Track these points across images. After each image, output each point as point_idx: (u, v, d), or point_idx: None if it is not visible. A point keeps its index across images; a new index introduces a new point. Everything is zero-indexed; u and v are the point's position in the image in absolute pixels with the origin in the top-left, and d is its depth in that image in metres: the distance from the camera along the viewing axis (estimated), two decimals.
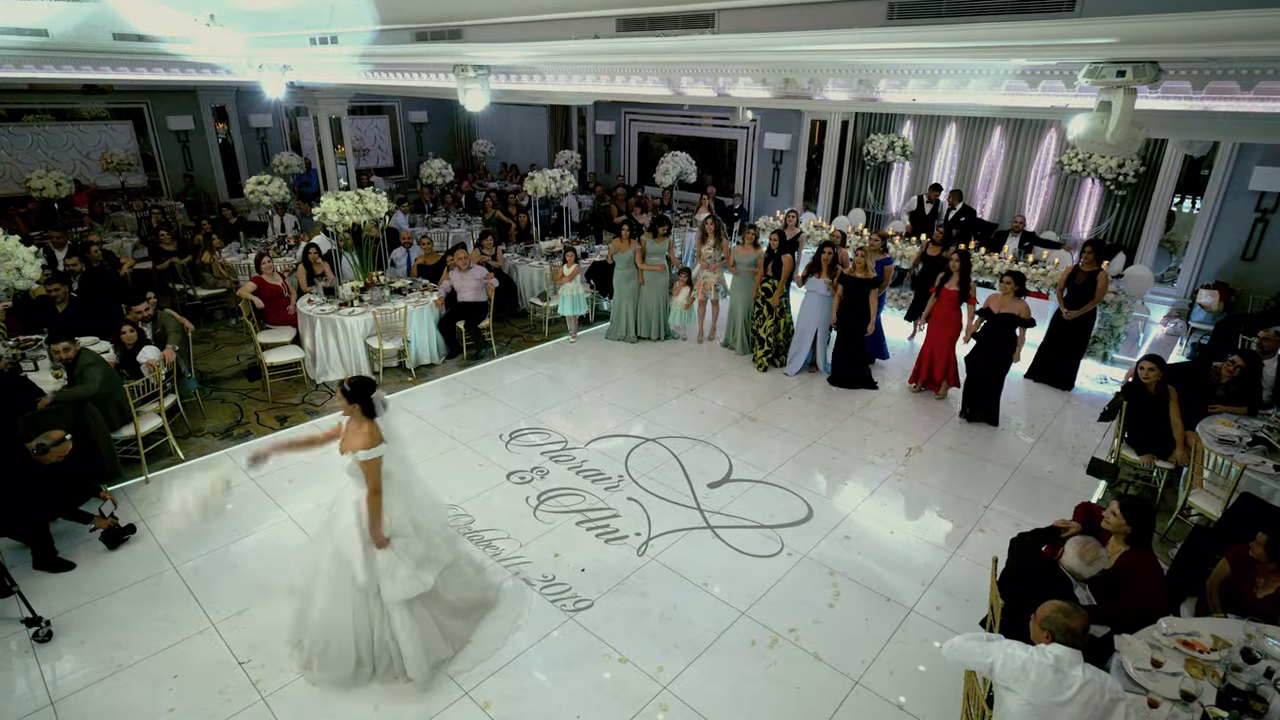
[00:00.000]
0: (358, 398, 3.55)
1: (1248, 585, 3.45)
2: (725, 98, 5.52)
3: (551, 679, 3.83)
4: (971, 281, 7.06)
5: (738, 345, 8.35)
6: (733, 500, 5.49)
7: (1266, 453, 4.80)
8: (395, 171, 17.48)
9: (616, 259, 8.47)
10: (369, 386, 3.60)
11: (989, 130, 10.76)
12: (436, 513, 4.05)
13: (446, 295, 8.04)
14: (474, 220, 11.83)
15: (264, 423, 6.58)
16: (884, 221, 11.93)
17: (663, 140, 14.68)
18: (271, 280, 7.70)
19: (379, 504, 3.54)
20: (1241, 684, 2.85)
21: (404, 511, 3.69)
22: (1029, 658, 2.66)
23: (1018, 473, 5.97)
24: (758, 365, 7.93)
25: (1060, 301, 7.47)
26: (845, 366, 7.49)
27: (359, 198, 7.42)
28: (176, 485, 4.95)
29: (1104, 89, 3.28)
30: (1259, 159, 8.13)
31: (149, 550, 4.82)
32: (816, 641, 4.11)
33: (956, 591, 4.55)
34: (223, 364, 7.92)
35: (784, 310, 7.99)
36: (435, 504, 4.10)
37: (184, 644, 4.02)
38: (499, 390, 7.42)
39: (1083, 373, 7.72)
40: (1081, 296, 7.33)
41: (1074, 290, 7.39)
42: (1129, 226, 9.73)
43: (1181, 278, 9.07)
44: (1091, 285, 7.26)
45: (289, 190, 10.30)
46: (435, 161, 12.08)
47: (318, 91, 10.67)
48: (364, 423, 3.54)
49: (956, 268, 7.02)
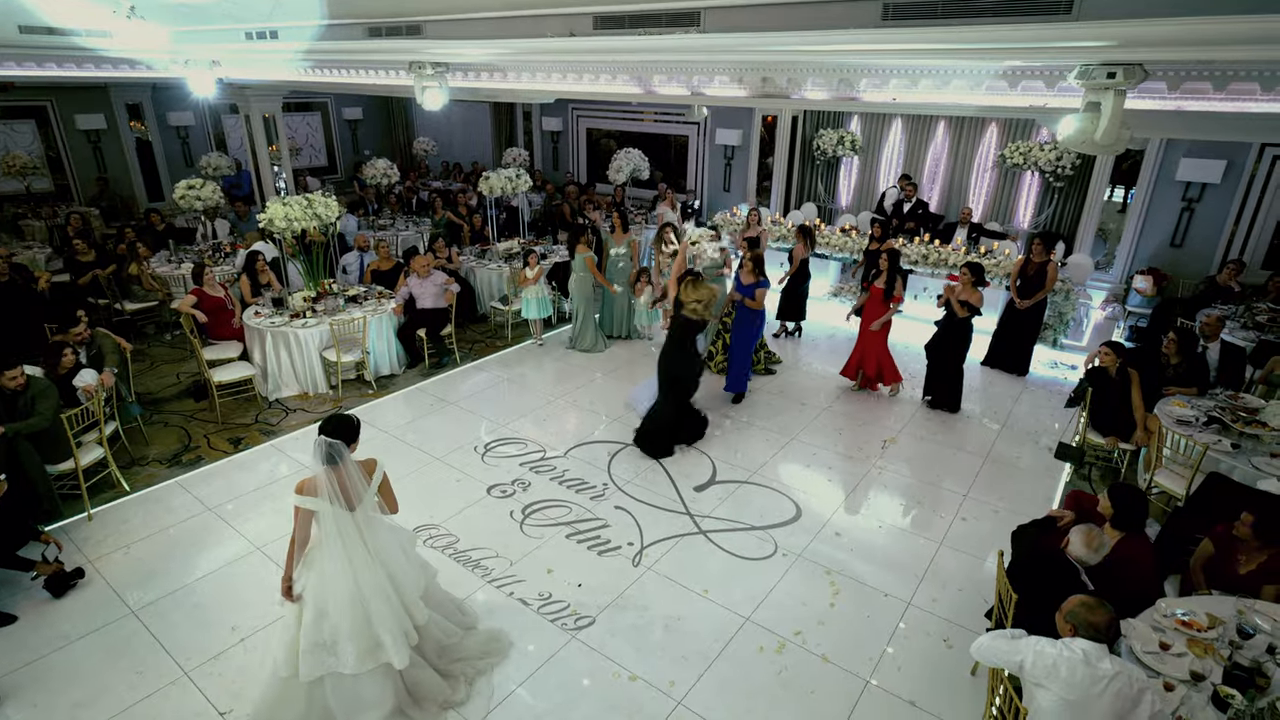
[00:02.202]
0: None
1: (1230, 562, 3.63)
2: (699, 97, 5.45)
3: (564, 702, 3.70)
4: (898, 280, 7.11)
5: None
6: (721, 503, 5.46)
7: (1221, 431, 5.09)
8: (330, 171, 16.72)
9: (576, 263, 8.22)
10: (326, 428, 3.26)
11: (933, 126, 11.09)
12: (390, 605, 3.35)
13: (405, 302, 7.71)
14: (422, 222, 11.41)
15: (216, 446, 6.15)
16: (835, 216, 12.15)
17: (611, 136, 14.53)
18: (213, 292, 7.20)
19: (292, 549, 3.27)
20: (1245, 660, 2.98)
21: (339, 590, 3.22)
22: (1058, 654, 2.70)
23: (989, 460, 6.16)
24: (715, 369, 7.78)
25: (1014, 292, 7.75)
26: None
27: (308, 202, 7.01)
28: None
29: (1092, 90, 3.34)
30: (1185, 151, 8.63)
31: (101, 595, 4.41)
32: (823, 643, 4.11)
33: (949, 582, 4.64)
34: (162, 384, 7.36)
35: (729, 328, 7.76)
36: (392, 594, 3.37)
37: (155, 697, 3.69)
38: (467, 400, 7.16)
39: (1035, 358, 8.05)
40: (1032, 286, 7.63)
41: (1026, 281, 7.68)
42: (1067, 216, 10.21)
43: (1117, 264, 9.57)
44: (1042, 275, 7.56)
45: (222, 194, 9.65)
46: (379, 161, 11.59)
47: (249, 88, 10.06)
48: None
49: (885, 266, 7.10)
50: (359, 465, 3.30)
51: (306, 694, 3.26)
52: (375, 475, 3.36)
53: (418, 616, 3.50)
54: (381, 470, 3.40)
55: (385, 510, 3.48)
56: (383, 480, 3.40)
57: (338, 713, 3.31)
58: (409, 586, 3.48)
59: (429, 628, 3.61)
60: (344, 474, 3.22)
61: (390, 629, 3.28)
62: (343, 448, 3.20)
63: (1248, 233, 8.71)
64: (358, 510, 3.27)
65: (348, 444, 3.25)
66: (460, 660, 3.75)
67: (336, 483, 3.19)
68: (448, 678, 3.66)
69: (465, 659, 3.77)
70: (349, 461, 3.24)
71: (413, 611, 3.47)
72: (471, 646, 3.84)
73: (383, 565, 3.34)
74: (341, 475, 3.21)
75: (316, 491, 3.15)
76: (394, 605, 3.34)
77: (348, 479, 3.23)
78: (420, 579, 3.60)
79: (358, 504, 3.26)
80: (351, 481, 3.24)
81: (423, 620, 3.53)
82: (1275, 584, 3.51)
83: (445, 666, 3.68)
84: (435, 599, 3.79)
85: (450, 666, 3.70)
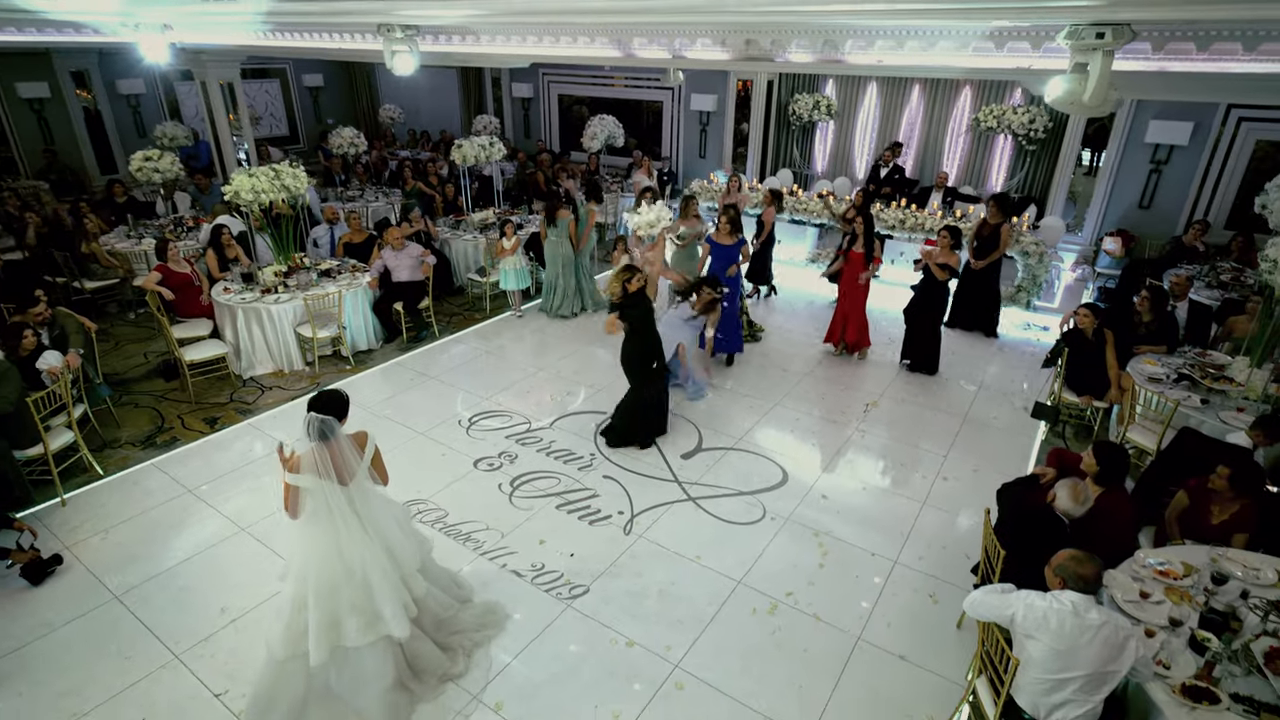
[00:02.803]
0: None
1: (1204, 514, 3.77)
2: (680, 60, 5.33)
3: (562, 670, 3.73)
4: (875, 243, 7.18)
5: None
6: (708, 469, 5.50)
7: (1191, 388, 5.25)
8: (292, 141, 16.17)
9: (555, 229, 8.12)
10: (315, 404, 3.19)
11: (908, 89, 11.06)
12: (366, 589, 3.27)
13: (380, 276, 7.53)
14: (393, 193, 11.11)
15: (191, 426, 5.99)
16: (811, 181, 12.13)
17: (583, 103, 14.25)
18: (178, 268, 6.95)
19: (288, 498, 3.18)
20: (1220, 605, 3.12)
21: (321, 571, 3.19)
22: (1048, 606, 2.79)
23: (967, 421, 6.29)
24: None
25: (970, 252, 7.79)
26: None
27: (275, 173, 6.76)
28: None
29: (1079, 51, 3.34)
30: (1154, 113, 8.76)
31: (81, 581, 4.31)
32: (814, 603, 4.20)
33: (934, 540, 4.76)
34: (129, 364, 7.13)
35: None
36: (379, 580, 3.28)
37: (146, 682, 3.63)
38: (447, 373, 7.07)
39: (1008, 320, 8.20)
40: (987, 247, 7.69)
41: (981, 242, 7.75)
42: (1039, 180, 10.33)
43: (1087, 227, 9.74)
44: (996, 237, 7.61)
45: (181, 166, 9.26)
46: (345, 130, 11.19)
47: (204, 54, 9.63)
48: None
49: (861, 230, 7.12)
50: (350, 439, 3.24)
51: (306, 672, 3.24)
52: (367, 449, 3.31)
53: (416, 589, 3.49)
54: (373, 443, 3.35)
55: (377, 482, 3.43)
56: (375, 453, 3.36)
57: (339, 688, 3.30)
58: (406, 559, 3.47)
59: (427, 600, 3.59)
60: (336, 450, 3.16)
61: (389, 601, 3.27)
62: (334, 423, 3.15)
63: (1213, 194, 8.92)
64: (351, 485, 3.22)
65: (339, 419, 3.19)
66: (458, 633, 3.75)
67: (329, 459, 3.13)
68: (446, 650, 3.66)
69: (462, 631, 3.77)
70: (341, 437, 3.19)
71: (411, 584, 3.46)
72: (468, 619, 3.84)
73: (379, 538, 3.32)
74: (334, 451, 3.16)
75: (306, 468, 3.10)
76: (392, 578, 3.33)
77: (340, 455, 3.18)
78: (417, 552, 3.58)
79: (350, 479, 3.21)
80: (344, 457, 3.19)
81: (421, 593, 3.53)
82: (1245, 532, 3.66)
83: (443, 639, 3.68)
84: (431, 572, 3.77)
85: (448, 639, 3.70)
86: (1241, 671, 2.85)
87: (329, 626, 3.18)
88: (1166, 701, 2.76)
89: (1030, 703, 2.88)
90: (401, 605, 3.33)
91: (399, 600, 3.32)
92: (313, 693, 3.31)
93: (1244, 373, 5.27)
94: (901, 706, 3.55)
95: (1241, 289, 7.22)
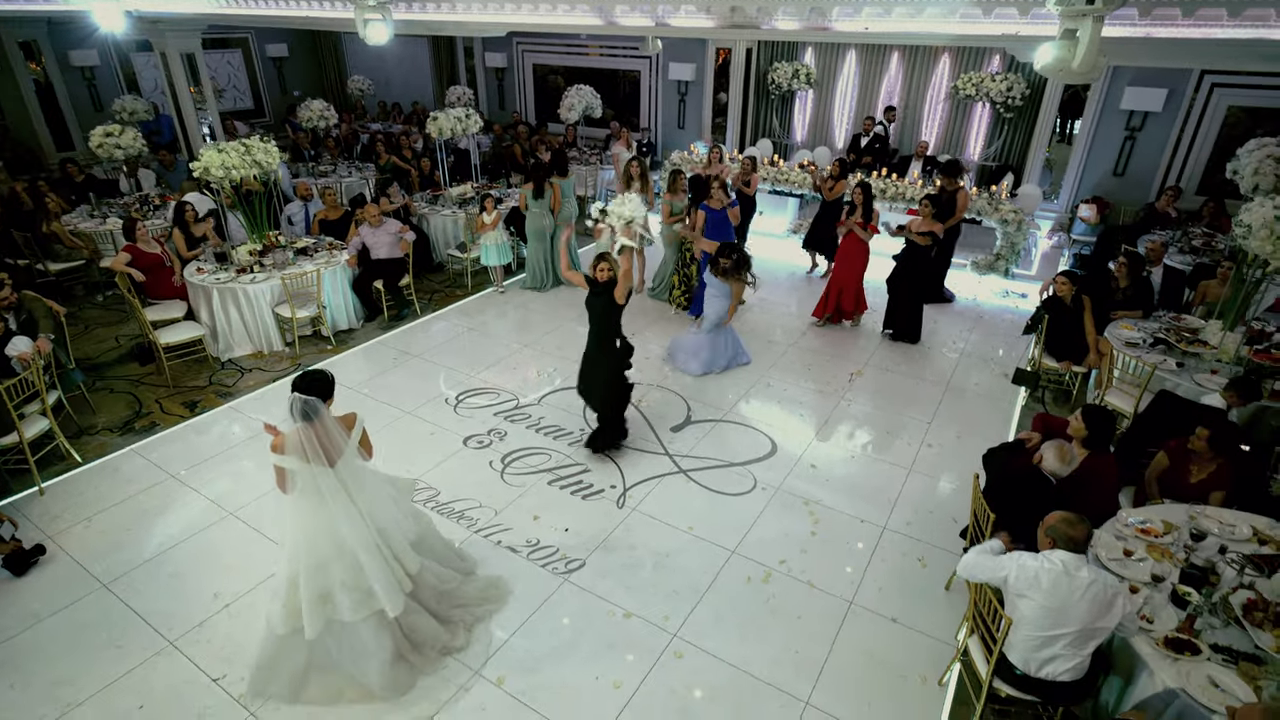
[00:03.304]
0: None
1: (1183, 473, 3.90)
2: (664, 28, 5.23)
3: (562, 644, 3.77)
4: (874, 210, 7.25)
5: (665, 294, 8.09)
6: (698, 442, 5.53)
7: (1166, 351, 5.38)
8: (258, 115, 15.64)
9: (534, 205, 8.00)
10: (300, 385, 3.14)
11: (887, 56, 11.01)
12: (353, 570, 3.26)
13: (358, 253, 7.38)
14: (366, 167, 10.83)
15: (170, 411, 5.87)
16: (790, 151, 12.07)
17: (558, 73, 13.96)
18: (148, 248, 6.74)
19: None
20: (1199, 561, 3.24)
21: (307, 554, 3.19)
22: (1039, 566, 2.87)
23: (949, 388, 6.39)
24: (675, 305, 7.86)
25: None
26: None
27: (246, 148, 6.55)
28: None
29: (1069, 17, 3.33)
30: (1130, 79, 8.82)
31: (67, 570, 4.23)
32: (807, 570, 4.28)
33: (920, 506, 4.86)
34: (100, 348, 6.93)
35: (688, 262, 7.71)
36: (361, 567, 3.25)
37: (142, 669, 3.60)
38: (431, 351, 6.99)
39: (986, 288, 8.32)
40: (944, 213, 7.70)
41: (939, 208, 7.75)
42: (1015, 148, 10.39)
43: (1063, 194, 9.85)
44: (952, 203, 7.61)
45: (144, 142, 8.93)
46: (315, 103, 10.85)
47: (163, 22, 9.22)
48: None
49: (860, 200, 7.14)
50: (338, 420, 3.19)
51: (306, 645, 3.24)
52: (355, 429, 3.27)
53: (409, 565, 3.48)
54: (361, 424, 3.31)
55: (364, 458, 3.39)
56: (363, 434, 3.32)
57: (339, 660, 3.31)
58: (398, 537, 3.45)
59: (424, 575, 3.60)
60: (320, 431, 3.11)
61: (380, 579, 3.26)
62: (319, 404, 3.09)
63: (1185, 160, 9.05)
64: (340, 464, 3.17)
65: (324, 400, 3.14)
66: (460, 606, 3.77)
67: (314, 439, 3.08)
68: (446, 624, 3.67)
69: (464, 605, 3.79)
70: (326, 417, 3.14)
71: (404, 560, 3.46)
72: (470, 592, 3.86)
73: (369, 518, 3.29)
74: (318, 432, 3.10)
75: (290, 449, 3.06)
76: (382, 556, 3.31)
77: (325, 436, 3.13)
78: (413, 527, 3.58)
79: (339, 458, 3.17)
80: (330, 438, 3.15)
81: (415, 569, 3.52)
82: (1222, 490, 3.79)
83: (445, 612, 3.69)
84: (431, 546, 3.77)
85: (450, 612, 3.71)
86: (1220, 623, 2.98)
87: (320, 601, 3.19)
88: (1151, 654, 2.87)
89: (1021, 659, 2.98)
90: (394, 581, 3.34)
91: (390, 577, 3.32)
92: (314, 664, 3.34)
93: (1217, 336, 5.41)
94: (895, 667, 3.65)
95: (1213, 254, 7.38)
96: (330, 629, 3.28)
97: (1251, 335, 5.35)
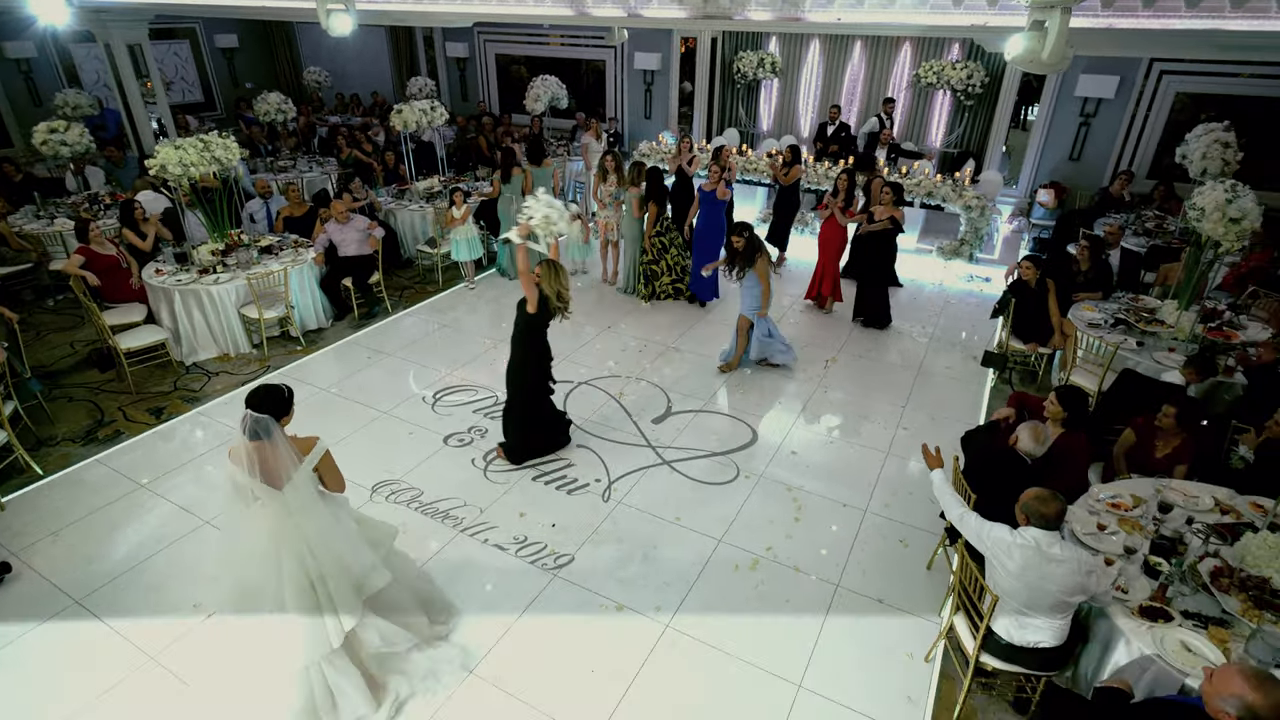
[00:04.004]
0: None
1: (1149, 448, 4.07)
2: (636, 19, 5.20)
3: (556, 639, 3.78)
4: (855, 197, 7.44)
5: (630, 287, 8.05)
6: (680, 433, 5.57)
7: (1127, 331, 5.59)
8: (208, 108, 15.10)
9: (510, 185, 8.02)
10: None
11: (850, 46, 11.13)
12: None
13: (325, 250, 7.21)
14: (327, 162, 10.56)
15: (134, 418, 5.67)
16: (757, 140, 12.14)
17: (521, 63, 13.77)
18: (103, 250, 6.47)
19: None
20: (1168, 532, 3.39)
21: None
22: (1013, 541, 2.98)
23: (921, 372, 6.54)
24: (643, 298, 7.84)
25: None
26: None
27: (204, 144, 6.33)
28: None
29: (1038, 9, 3.41)
30: (1084, 67, 9.08)
31: (35, 587, 4.07)
32: (793, 555, 4.36)
33: (899, 488, 4.98)
34: (55, 355, 6.66)
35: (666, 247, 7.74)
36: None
37: (123, 687, 3.49)
38: (404, 349, 6.88)
39: (950, 272, 8.53)
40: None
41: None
42: (976, 135, 10.63)
43: (1021, 180, 10.12)
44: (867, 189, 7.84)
45: (92, 138, 8.55)
46: (273, 95, 10.51)
47: (105, 12, 8.83)
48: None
49: (844, 185, 7.30)
50: (293, 442, 2.96)
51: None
52: (312, 455, 2.99)
53: (345, 618, 3.07)
54: (323, 448, 3.03)
55: (325, 488, 3.13)
56: (324, 457, 3.04)
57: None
58: (344, 583, 3.07)
59: (366, 632, 3.24)
60: (269, 450, 2.87)
61: (301, 623, 2.97)
62: (270, 423, 2.86)
63: (1136, 145, 9.37)
64: (287, 490, 2.91)
65: (278, 418, 2.92)
66: (399, 674, 3.41)
67: (256, 459, 2.85)
68: (376, 688, 3.31)
69: (405, 674, 3.42)
70: (278, 438, 2.89)
71: (341, 610, 3.05)
72: (418, 663, 3.45)
73: (312, 555, 2.99)
74: (265, 452, 2.86)
75: (234, 462, 2.89)
76: (315, 599, 3.00)
77: (274, 457, 2.88)
78: (373, 577, 3.19)
79: (285, 483, 2.91)
80: (279, 459, 2.89)
81: (351, 623, 3.10)
82: (1185, 463, 3.97)
83: (380, 676, 3.35)
84: (395, 599, 3.37)
85: (386, 678, 3.37)
86: (1190, 590, 3.12)
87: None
88: (1127, 622, 3.00)
89: (1003, 628, 3.10)
90: (320, 630, 3.01)
91: (315, 624, 3.00)
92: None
93: (1173, 315, 5.64)
94: (883, 646, 3.75)
95: (1164, 235, 7.67)
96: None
97: (1205, 314, 5.59)
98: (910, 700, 3.47)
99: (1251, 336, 5.41)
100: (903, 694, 3.50)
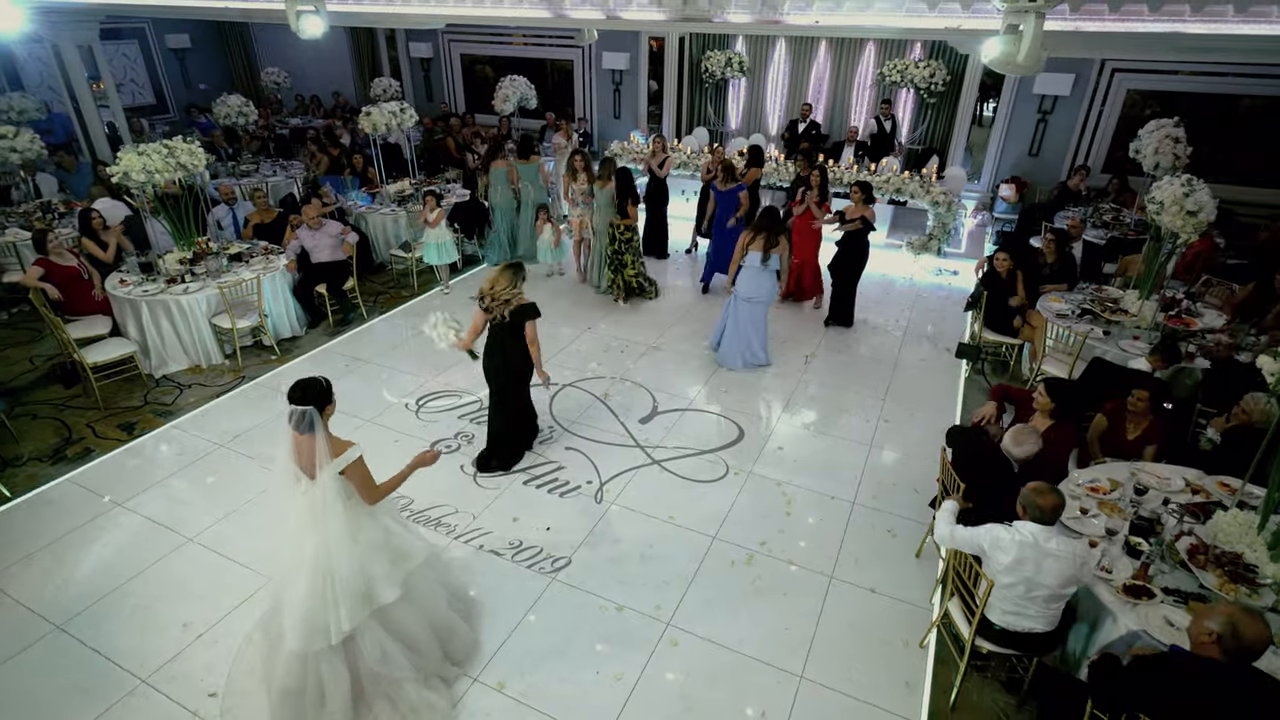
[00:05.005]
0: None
1: (1120, 431, 4.25)
2: (614, 20, 5.22)
3: (558, 642, 3.78)
4: (829, 192, 7.58)
5: (602, 286, 8.08)
6: (668, 432, 5.61)
7: (1093, 321, 5.82)
8: (161, 111, 14.61)
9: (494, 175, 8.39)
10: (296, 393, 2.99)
11: (816, 46, 11.29)
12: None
13: (297, 257, 7.06)
14: (290, 166, 10.32)
15: (105, 435, 5.49)
16: (726, 139, 12.25)
17: (486, 62, 13.64)
18: (63, 261, 6.24)
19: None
20: (1146, 513, 3.55)
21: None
22: (1010, 537, 3.08)
23: (898, 365, 6.70)
24: (617, 295, 7.87)
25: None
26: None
27: (168, 149, 6.14)
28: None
29: (1013, 13, 3.53)
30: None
31: (12, 615, 3.92)
32: (787, 549, 4.44)
33: (884, 479, 5.10)
34: (14, 371, 6.39)
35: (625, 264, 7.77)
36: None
37: (114, 712, 3.39)
38: (383, 356, 6.79)
39: (921, 266, 8.75)
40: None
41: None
42: (939, 132, 10.89)
43: (984, 175, 10.41)
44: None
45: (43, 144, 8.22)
46: (232, 98, 10.20)
47: (54, 14, 8.50)
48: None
49: (817, 182, 7.43)
50: (331, 441, 3.00)
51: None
52: (342, 456, 2.99)
53: (344, 620, 3.03)
54: (354, 455, 3.03)
55: (354, 495, 3.11)
56: (353, 464, 3.02)
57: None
58: (351, 587, 3.04)
59: (363, 641, 3.15)
60: (307, 443, 2.95)
61: (300, 618, 2.98)
62: (314, 415, 2.93)
63: (1091, 140, 9.72)
64: (316, 483, 3.01)
65: (320, 408, 2.97)
66: (387, 698, 3.27)
67: (301, 449, 2.98)
68: (361, 701, 3.22)
69: (394, 701, 3.27)
70: (320, 432, 2.95)
71: (343, 613, 3.02)
72: (410, 696, 3.29)
73: (324, 554, 2.99)
74: (306, 443, 2.95)
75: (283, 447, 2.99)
76: (322, 595, 2.99)
77: (310, 450, 2.96)
78: (384, 592, 3.15)
79: (315, 475, 3.00)
80: (314, 453, 2.96)
81: (348, 627, 3.05)
82: (1154, 444, 4.16)
83: (370, 690, 3.24)
84: (403, 627, 3.29)
85: (375, 699, 3.25)
86: (1169, 568, 3.28)
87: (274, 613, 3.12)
88: (1113, 601, 3.14)
89: (998, 616, 3.21)
90: (320, 623, 3.01)
91: (314, 622, 3.00)
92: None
93: (1135, 305, 5.88)
94: (878, 635, 3.85)
95: (1121, 227, 7.99)
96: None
97: (1165, 303, 5.85)
98: (908, 685, 3.57)
99: (1209, 324, 5.68)
100: (901, 679, 3.60)
